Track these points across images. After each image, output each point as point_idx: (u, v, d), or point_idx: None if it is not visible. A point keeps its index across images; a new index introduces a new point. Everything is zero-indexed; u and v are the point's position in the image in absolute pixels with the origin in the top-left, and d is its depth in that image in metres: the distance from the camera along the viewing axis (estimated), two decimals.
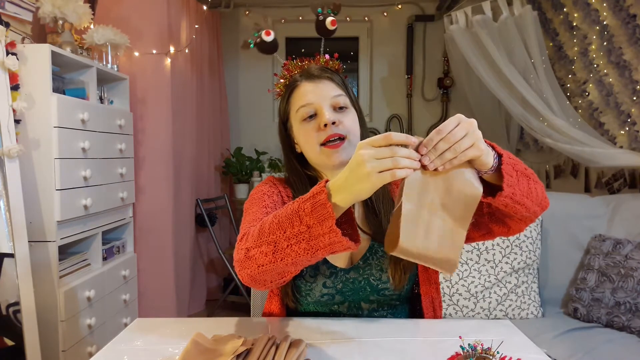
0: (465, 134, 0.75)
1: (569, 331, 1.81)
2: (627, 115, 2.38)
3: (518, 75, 2.70)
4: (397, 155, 0.72)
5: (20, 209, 1.79)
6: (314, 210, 0.76)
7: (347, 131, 1.02)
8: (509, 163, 0.83)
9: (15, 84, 1.84)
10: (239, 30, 4.07)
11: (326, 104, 1.02)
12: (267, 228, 0.82)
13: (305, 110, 1.03)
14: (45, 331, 1.88)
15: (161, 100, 2.79)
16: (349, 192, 0.75)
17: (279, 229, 0.80)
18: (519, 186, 0.85)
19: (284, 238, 0.79)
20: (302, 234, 0.77)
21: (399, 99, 4.10)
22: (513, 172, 0.84)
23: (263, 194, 1.07)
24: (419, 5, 4.00)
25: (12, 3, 1.98)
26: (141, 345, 0.92)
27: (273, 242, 0.81)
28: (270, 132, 4.10)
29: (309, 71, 1.07)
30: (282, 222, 0.80)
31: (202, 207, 3.22)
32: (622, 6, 2.35)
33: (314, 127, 1.02)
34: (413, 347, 0.90)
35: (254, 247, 0.83)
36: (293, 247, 0.79)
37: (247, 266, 0.85)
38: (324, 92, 1.03)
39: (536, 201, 0.90)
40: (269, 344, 0.83)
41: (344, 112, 1.04)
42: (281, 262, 0.81)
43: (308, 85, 1.05)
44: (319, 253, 0.79)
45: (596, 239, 2.02)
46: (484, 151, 0.77)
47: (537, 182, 0.91)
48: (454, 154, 0.75)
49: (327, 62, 1.10)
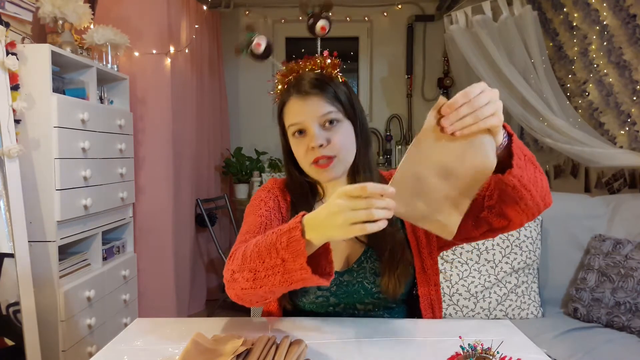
0: (489, 101, 0.75)
1: (569, 331, 1.81)
2: (627, 115, 2.38)
3: (518, 75, 2.70)
4: (373, 207, 0.72)
5: (20, 209, 1.79)
6: (289, 244, 0.79)
7: (336, 151, 1.00)
8: (518, 144, 0.84)
9: (15, 84, 1.84)
10: (239, 30, 4.07)
11: (314, 123, 1.00)
12: (249, 255, 0.86)
13: (295, 128, 1.02)
14: (45, 331, 1.88)
15: (161, 100, 2.79)
16: (322, 234, 0.77)
17: (259, 258, 0.83)
18: (526, 170, 0.85)
19: (263, 268, 0.83)
20: (278, 266, 0.81)
21: (399, 99, 4.10)
22: (522, 155, 0.85)
23: (260, 201, 1.09)
24: (419, 5, 4.01)
25: (12, 3, 1.98)
26: (141, 345, 0.92)
27: (253, 270, 0.84)
28: (270, 132, 4.10)
29: (299, 85, 1.02)
30: (262, 252, 0.83)
31: (202, 207, 3.22)
32: (622, 6, 2.35)
33: (304, 145, 1.01)
34: (413, 347, 0.90)
35: (237, 271, 0.88)
36: (270, 277, 0.82)
37: (232, 287, 0.90)
38: (312, 111, 1.00)
39: (541, 192, 0.89)
40: (268, 344, 0.83)
41: (334, 127, 1.01)
42: (260, 289, 0.85)
43: (297, 102, 1.02)
44: (293, 286, 0.82)
45: (596, 239, 2.02)
46: (501, 123, 0.78)
47: (542, 174, 0.91)
48: (474, 119, 0.75)
49: (323, 63, 1.06)
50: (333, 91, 1.02)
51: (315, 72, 1.05)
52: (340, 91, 1.03)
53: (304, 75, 1.05)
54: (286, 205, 1.11)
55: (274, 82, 1.10)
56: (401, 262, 1.02)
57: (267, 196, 1.11)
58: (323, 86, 1.02)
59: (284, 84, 1.07)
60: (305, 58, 1.07)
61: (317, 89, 1.01)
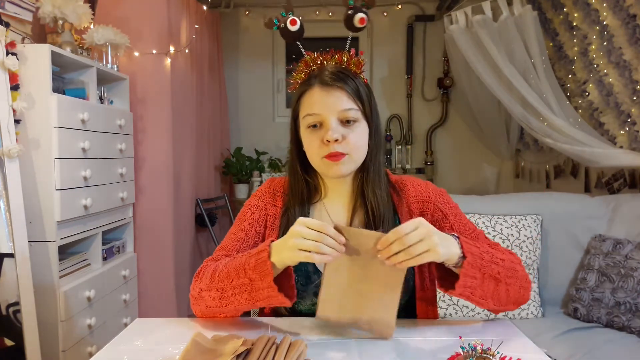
0: (420, 239, 0.81)
1: (569, 331, 1.81)
2: (627, 115, 2.38)
3: (518, 75, 2.70)
4: (323, 242, 0.82)
5: (20, 209, 1.79)
6: (257, 265, 0.88)
7: (349, 149, 0.98)
8: (474, 266, 0.88)
9: (15, 84, 1.84)
10: (239, 31, 4.07)
11: (333, 117, 0.97)
12: (218, 275, 0.94)
13: (312, 119, 0.99)
14: (45, 331, 1.88)
15: (161, 100, 2.79)
16: (279, 256, 0.86)
17: (227, 278, 0.92)
18: (481, 287, 0.90)
19: (230, 287, 0.92)
20: (245, 285, 0.90)
21: (398, 99, 4.10)
22: (478, 274, 0.89)
23: (248, 210, 1.12)
24: (419, 5, 4.00)
25: (12, 3, 1.98)
26: (141, 345, 0.92)
27: (221, 289, 0.93)
28: (270, 132, 4.10)
29: (323, 75, 1.00)
30: (230, 273, 0.92)
31: (202, 207, 3.22)
32: (622, 6, 2.35)
33: (318, 137, 0.99)
34: (413, 347, 0.90)
35: (205, 290, 0.96)
36: (236, 296, 0.91)
37: (198, 304, 0.99)
38: (333, 104, 0.98)
39: (503, 301, 0.95)
40: (268, 344, 0.83)
41: (352, 126, 0.99)
42: (225, 308, 0.95)
43: (319, 92, 0.99)
44: (258, 304, 0.92)
45: (596, 239, 2.02)
46: (442, 257, 0.84)
47: (510, 285, 0.94)
48: (407, 256, 0.81)
49: (349, 60, 1.03)
50: (356, 88, 1.00)
51: (340, 67, 1.02)
52: (362, 90, 1.01)
53: (328, 67, 1.02)
54: (275, 211, 1.10)
55: (295, 69, 1.06)
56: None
57: (256, 205, 1.12)
58: (347, 81, 0.99)
59: (305, 73, 1.03)
60: (331, 51, 1.04)
61: (341, 82, 0.98)
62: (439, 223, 1.06)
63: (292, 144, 1.08)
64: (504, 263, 0.93)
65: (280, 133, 4.04)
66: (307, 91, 1.01)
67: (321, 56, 1.03)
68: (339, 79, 0.99)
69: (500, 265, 0.92)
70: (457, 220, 1.07)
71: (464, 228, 1.06)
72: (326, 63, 1.02)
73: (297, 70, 1.05)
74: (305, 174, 1.08)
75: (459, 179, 4.10)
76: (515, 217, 2.06)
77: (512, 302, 0.97)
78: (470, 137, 3.97)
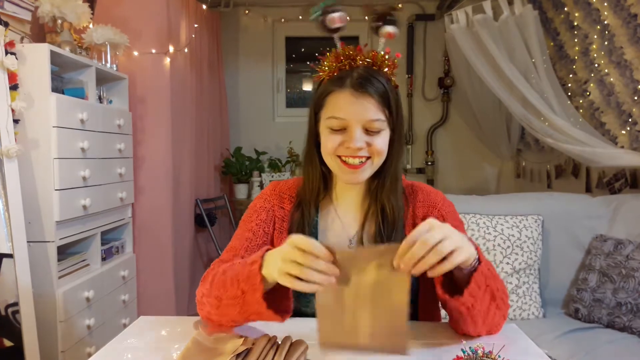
0: (443, 237, 0.74)
1: (570, 332, 1.80)
2: (628, 115, 2.37)
3: (519, 74, 2.69)
4: (310, 267, 0.73)
5: (19, 209, 1.78)
6: (249, 278, 0.82)
7: (372, 153, 0.95)
8: (484, 273, 0.83)
9: (14, 83, 1.83)
10: (238, 30, 4.07)
11: (359, 125, 0.94)
12: (217, 282, 0.90)
13: (337, 124, 0.95)
14: (44, 332, 1.87)
15: (160, 100, 2.78)
16: (269, 271, 0.80)
17: (223, 287, 0.87)
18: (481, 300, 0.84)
19: (226, 297, 0.87)
20: (238, 297, 0.84)
21: None
22: (483, 284, 0.83)
23: (254, 212, 1.08)
24: (419, 5, 4.00)
25: (11, 2, 1.98)
26: (142, 344, 0.91)
27: (218, 298, 0.89)
28: (270, 132, 4.10)
29: (354, 78, 0.94)
30: (226, 282, 0.87)
31: (201, 207, 3.21)
32: (623, 6, 2.34)
33: (338, 140, 0.95)
34: (415, 350, 0.89)
35: (206, 295, 0.92)
36: (230, 307, 0.87)
37: (201, 308, 0.96)
38: (362, 112, 0.93)
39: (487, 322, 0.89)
40: (269, 344, 0.83)
41: (375, 136, 0.95)
42: (223, 317, 0.90)
43: (348, 97, 0.93)
44: (252, 318, 0.87)
45: (597, 239, 2.01)
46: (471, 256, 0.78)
47: (499, 309, 0.88)
48: (437, 256, 0.72)
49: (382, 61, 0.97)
50: (386, 94, 0.95)
51: (373, 69, 0.96)
52: (392, 96, 0.96)
53: (361, 68, 0.96)
54: (283, 214, 1.08)
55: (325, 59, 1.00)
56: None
57: (262, 206, 1.08)
58: (379, 87, 0.94)
59: (335, 69, 0.98)
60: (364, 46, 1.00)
61: (372, 89, 0.93)
62: None
63: (310, 135, 1.04)
64: (501, 285, 0.89)
65: (280, 133, 4.03)
66: (335, 92, 0.96)
67: (354, 51, 0.98)
68: (370, 84, 0.93)
69: (498, 283, 0.87)
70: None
71: None
72: (358, 59, 0.97)
73: (326, 62, 0.99)
74: (322, 165, 1.04)
75: (460, 179, 4.09)
76: (516, 217, 2.06)
77: (488, 328, 0.91)
78: (471, 137, 3.97)
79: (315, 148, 1.03)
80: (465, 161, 4.07)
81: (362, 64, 0.97)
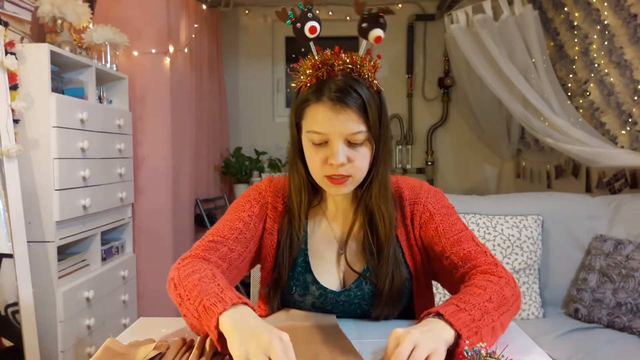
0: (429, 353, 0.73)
1: (570, 332, 1.80)
2: (628, 115, 2.37)
3: (519, 74, 2.69)
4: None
5: (19, 209, 1.78)
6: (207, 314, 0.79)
7: (352, 171, 0.93)
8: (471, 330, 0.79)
9: (14, 83, 1.83)
10: (238, 30, 4.07)
11: (340, 139, 0.91)
12: (187, 284, 0.86)
13: (317, 138, 0.92)
14: (44, 332, 1.87)
15: (160, 100, 2.78)
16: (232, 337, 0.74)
17: (188, 297, 0.84)
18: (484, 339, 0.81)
19: (186, 305, 0.84)
20: (198, 312, 0.80)
21: (399, 98, 4.09)
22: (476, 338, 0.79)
23: (247, 202, 1.06)
24: (419, 5, 4.00)
25: (11, 2, 1.97)
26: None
27: (181, 298, 0.85)
28: (270, 132, 4.10)
29: (332, 90, 0.90)
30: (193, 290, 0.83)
31: (201, 207, 3.21)
32: (623, 6, 2.34)
33: (322, 155, 0.93)
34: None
35: (174, 287, 0.88)
36: (188, 317, 0.84)
37: (169, 290, 0.91)
38: (341, 126, 0.90)
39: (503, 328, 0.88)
40: (185, 347, 0.83)
41: (357, 148, 0.93)
42: (183, 317, 0.87)
43: (326, 111, 0.90)
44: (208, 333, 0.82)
45: (597, 239, 2.01)
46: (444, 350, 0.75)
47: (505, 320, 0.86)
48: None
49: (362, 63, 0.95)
50: (367, 103, 0.91)
51: (352, 76, 0.92)
52: (373, 105, 0.93)
53: (339, 76, 0.92)
54: (275, 214, 1.06)
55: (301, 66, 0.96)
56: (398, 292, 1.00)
57: (256, 199, 1.06)
58: (357, 98, 0.90)
59: (312, 76, 0.93)
60: (342, 49, 0.95)
61: (352, 102, 0.90)
62: (425, 225, 1.03)
63: (293, 146, 1.01)
64: (492, 304, 0.84)
65: (280, 133, 4.03)
66: (313, 104, 0.92)
67: (331, 57, 0.93)
68: (349, 96, 0.89)
69: (491, 312, 0.83)
70: (444, 221, 1.02)
71: (450, 229, 1.01)
72: (336, 65, 0.92)
73: (303, 70, 0.95)
74: (307, 175, 1.02)
75: (460, 179, 4.09)
76: (516, 218, 2.06)
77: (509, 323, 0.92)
78: (471, 137, 3.97)
79: (299, 155, 1.00)
80: (465, 161, 4.07)
81: (341, 70, 0.93)
